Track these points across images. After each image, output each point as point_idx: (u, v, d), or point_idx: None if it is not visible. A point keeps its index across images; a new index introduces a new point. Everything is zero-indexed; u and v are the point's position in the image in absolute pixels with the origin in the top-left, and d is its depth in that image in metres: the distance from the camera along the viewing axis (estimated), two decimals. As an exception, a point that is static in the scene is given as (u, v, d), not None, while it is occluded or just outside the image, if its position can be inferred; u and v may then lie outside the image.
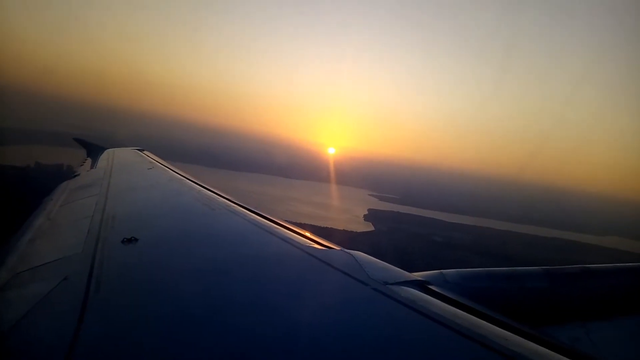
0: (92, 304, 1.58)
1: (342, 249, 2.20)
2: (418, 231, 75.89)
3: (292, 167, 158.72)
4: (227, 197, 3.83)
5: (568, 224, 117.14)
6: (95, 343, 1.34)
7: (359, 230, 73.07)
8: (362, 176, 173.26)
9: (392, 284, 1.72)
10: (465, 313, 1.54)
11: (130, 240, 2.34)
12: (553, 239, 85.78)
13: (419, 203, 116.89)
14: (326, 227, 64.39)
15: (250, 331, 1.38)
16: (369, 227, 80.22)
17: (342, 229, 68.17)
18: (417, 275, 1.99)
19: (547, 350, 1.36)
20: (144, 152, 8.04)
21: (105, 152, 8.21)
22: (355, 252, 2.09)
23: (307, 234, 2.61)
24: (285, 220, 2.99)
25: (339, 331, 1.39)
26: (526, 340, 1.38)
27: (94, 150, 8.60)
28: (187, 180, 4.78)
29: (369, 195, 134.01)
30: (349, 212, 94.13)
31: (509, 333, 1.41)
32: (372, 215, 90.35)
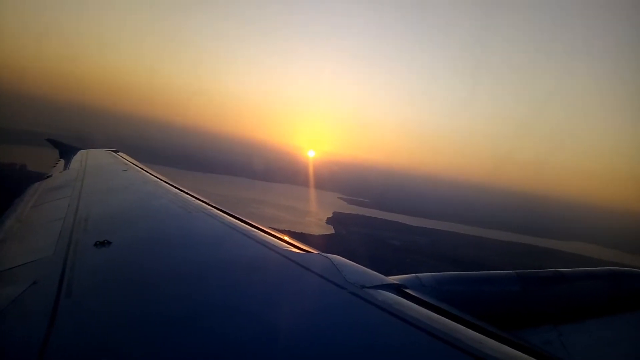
0: (62, 308, 1.53)
1: (320, 252, 2.18)
2: (377, 234, 75.66)
3: (267, 170, 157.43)
4: (203, 199, 3.74)
5: (534, 229, 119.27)
6: (66, 349, 1.30)
7: (317, 234, 72.03)
8: (337, 180, 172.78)
9: (369, 287, 1.73)
10: (440, 316, 1.55)
11: (103, 244, 2.29)
12: (514, 244, 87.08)
13: (389, 207, 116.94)
14: (284, 230, 61.85)
15: (226, 336, 1.36)
16: (328, 230, 79.31)
17: (299, 232, 66.93)
18: (394, 279, 1.99)
19: (520, 353, 1.38)
20: (119, 153, 7.87)
21: (79, 153, 8.03)
22: (333, 255, 2.08)
23: (285, 238, 2.57)
24: (263, 224, 2.90)
25: (316, 335, 1.38)
26: (500, 344, 1.40)
27: (67, 151, 8.35)
28: (163, 183, 4.67)
29: (339, 198, 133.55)
30: (312, 215, 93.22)
31: (484, 336, 1.41)
32: (335, 219, 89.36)
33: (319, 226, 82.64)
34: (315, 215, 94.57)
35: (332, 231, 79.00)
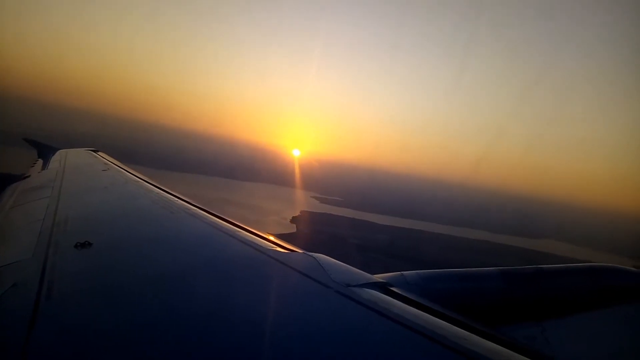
0: (42, 311, 1.51)
1: (305, 251, 2.19)
2: (339, 233, 73.99)
3: (243, 169, 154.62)
4: (186, 199, 3.69)
5: (506, 227, 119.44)
6: (46, 352, 1.28)
7: (277, 233, 69.44)
8: (316, 179, 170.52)
9: (354, 286, 1.74)
10: (425, 313, 1.57)
11: (84, 245, 2.26)
12: (482, 242, 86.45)
13: (363, 206, 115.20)
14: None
15: (211, 336, 1.34)
16: (290, 229, 76.67)
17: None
18: (379, 277, 2.01)
19: (504, 349, 1.40)
20: (98, 153, 7.75)
21: (58, 152, 7.84)
22: (318, 254, 2.09)
23: (269, 237, 2.55)
24: (247, 224, 2.90)
25: (301, 334, 1.37)
26: (484, 340, 1.41)
27: (45, 150, 8.12)
28: (144, 183, 4.61)
29: (312, 197, 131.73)
30: (278, 214, 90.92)
31: (468, 333, 1.43)
32: (301, 218, 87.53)
33: (281, 225, 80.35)
34: (281, 214, 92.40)
35: (294, 230, 76.87)
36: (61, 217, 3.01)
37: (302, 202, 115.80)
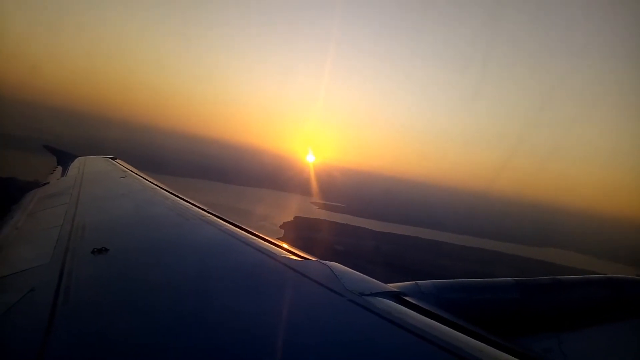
0: (59, 316, 1.53)
1: (318, 260, 2.17)
2: (326, 239, 73.25)
3: (250, 175, 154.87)
4: (201, 206, 3.68)
5: (508, 234, 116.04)
6: (63, 357, 1.30)
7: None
8: (325, 185, 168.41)
9: (367, 295, 1.73)
10: (439, 324, 1.55)
11: (101, 251, 2.27)
12: (473, 249, 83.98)
13: (363, 212, 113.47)
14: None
15: (226, 343, 1.35)
16: (277, 235, 76.65)
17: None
18: (393, 287, 2.00)
19: None
20: (117, 160, 7.72)
21: (77, 160, 7.91)
22: (332, 263, 2.08)
23: (284, 245, 2.55)
24: (262, 231, 2.87)
25: (315, 343, 1.37)
26: (500, 352, 1.41)
27: (64, 158, 8.20)
28: (161, 190, 4.61)
29: (311, 202, 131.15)
30: (269, 220, 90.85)
31: (484, 344, 1.42)
32: (292, 223, 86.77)
33: (269, 231, 78.67)
34: (273, 219, 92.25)
35: (281, 235, 76.14)
36: (79, 224, 3.05)
37: (299, 207, 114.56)
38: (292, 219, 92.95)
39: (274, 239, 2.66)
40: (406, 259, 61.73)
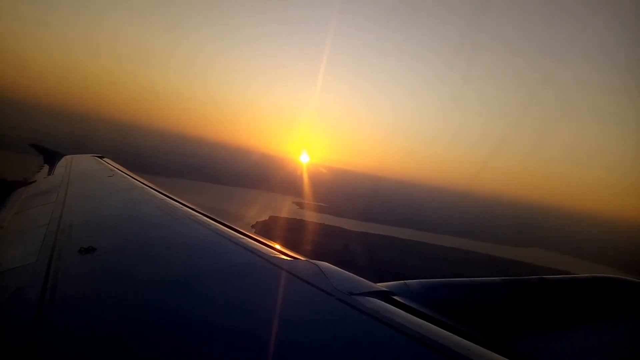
0: (46, 316, 1.53)
1: (308, 259, 2.19)
2: (296, 238, 72.32)
3: (236, 175, 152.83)
4: (190, 206, 3.68)
5: (485, 233, 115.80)
6: (49, 356, 1.30)
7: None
8: (314, 185, 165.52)
9: (356, 294, 1.75)
10: (428, 323, 1.56)
11: (88, 250, 2.28)
12: (445, 249, 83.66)
13: (346, 212, 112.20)
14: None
15: (214, 343, 1.35)
16: (247, 235, 75.42)
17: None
18: (382, 286, 2.02)
19: (507, 359, 1.40)
20: (104, 159, 7.63)
21: (64, 158, 7.79)
22: (321, 262, 2.10)
23: (273, 244, 2.57)
24: (251, 231, 2.86)
25: (304, 342, 1.38)
26: (488, 350, 1.41)
27: (51, 156, 8.03)
28: (149, 189, 4.55)
29: (293, 202, 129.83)
30: (243, 219, 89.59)
31: (471, 343, 1.42)
32: (266, 223, 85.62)
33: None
34: (246, 219, 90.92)
35: (252, 235, 74.90)
36: (66, 222, 3.01)
37: (278, 207, 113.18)
38: (267, 218, 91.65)
39: (263, 239, 2.64)
40: (373, 259, 60.85)
